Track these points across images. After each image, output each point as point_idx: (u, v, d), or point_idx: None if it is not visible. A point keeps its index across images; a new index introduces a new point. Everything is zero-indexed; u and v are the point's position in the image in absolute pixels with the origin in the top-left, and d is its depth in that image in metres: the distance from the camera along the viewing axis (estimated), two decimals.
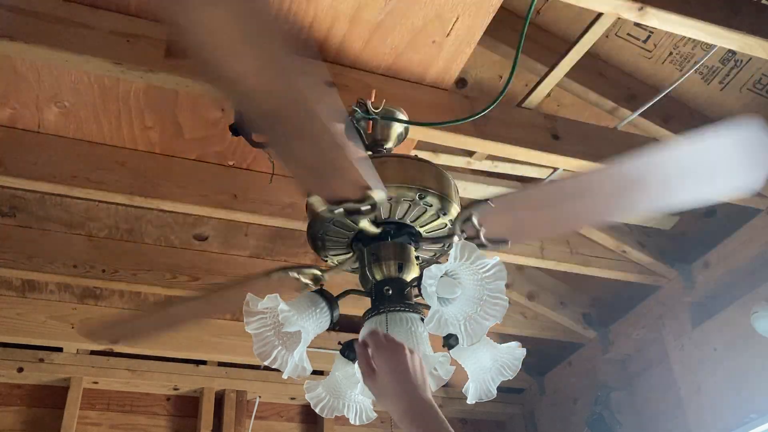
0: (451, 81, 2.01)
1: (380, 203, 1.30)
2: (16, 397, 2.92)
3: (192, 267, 2.53)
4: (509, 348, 1.42)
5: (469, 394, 1.42)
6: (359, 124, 1.65)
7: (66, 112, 2.04)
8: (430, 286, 1.21)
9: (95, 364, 2.98)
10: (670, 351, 2.78)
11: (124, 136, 2.13)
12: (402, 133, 1.69)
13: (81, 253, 2.43)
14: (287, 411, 3.30)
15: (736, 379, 2.47)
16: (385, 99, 1.64)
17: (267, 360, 1.31)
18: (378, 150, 1.63)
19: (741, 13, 1.89)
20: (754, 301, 2.37)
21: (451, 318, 1.24)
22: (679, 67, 2.21)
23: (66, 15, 1.69)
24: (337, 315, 1.38)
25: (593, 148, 2.13)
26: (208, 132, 2.15)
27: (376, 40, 1.87)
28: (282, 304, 1.24)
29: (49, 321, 2.83)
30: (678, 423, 2.75)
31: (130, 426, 3.02)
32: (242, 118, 1.64)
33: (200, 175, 2.21)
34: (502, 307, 1.24)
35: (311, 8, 1.77)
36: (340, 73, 1.90)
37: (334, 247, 1.52)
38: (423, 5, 1.78)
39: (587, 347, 3.24)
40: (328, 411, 1.42)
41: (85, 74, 1.93)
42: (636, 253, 2.70)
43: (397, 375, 1.14)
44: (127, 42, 1.72)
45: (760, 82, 2.22)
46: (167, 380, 3.06)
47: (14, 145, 2.05)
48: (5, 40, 1.63)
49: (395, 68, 1.95)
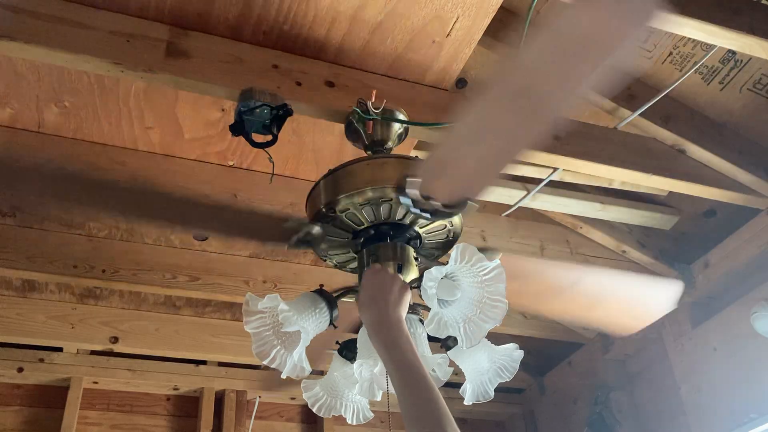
0: (451, 81, 2.01)
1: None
2: (16, 397, 2.92)
3: (192, 267, 2.53)
4: (507, 350, 1.42)
5: (467, 395, 1.42)
6: (359, 125, 1.65)
7: (66, 112, 2.04)
8: (430, 288, 1.21)
9: (95, 364, 2.98)
10: (670, 351, 2.78)
11: (124, 136, 2.13)
12: (402, 133, 1.69)
13: (81, 253, 2.43)
14: (287, 411, 3.30)
15: (736, 379, 2.47)
16: (385, 99, 1.64)
17: (266, 359, 1.31)
18: (378, 150, 1.63)
19: (741, 13, 1.88)
20: (754, 301, 2.37)
21: (451, 320, 1.24)
22: (679, 67, 2.21)
23: (66, 15, 1.69)
24: (336, 315, 1.38)
25: (593, 148, 2.13)
26: (208, 132, 2.15)
27: (376, 40, 1.87)
28: (281, 303, 1.24)
29: (49, 321, 2.83)
30: (678, 423, 2.74)
31: (130, 426, 3.02)
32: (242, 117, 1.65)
33: (200, 175, 2.21)
34: (501, 310, 1.24)
35: (311, 8, 1.77)
36: (340, 73, 1.90)
37: (334, 247, 1.52)
38: (423, 5, 1.78)
39: (587, 347, 3.24)
40: (326, 410, 1.43)
41: (85, 74, 1.93)
42: (636, 253, 2.70)
43: (373, 288, 1.27)
44: (127, 42, 1.72)
45: (760, 82, 2.22)
46: (167, 380, 3.06)
47: (14, 145, 2.06)
48: (5, 40, 1.63)
49: (395, 68, 1.95)
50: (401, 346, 1.16)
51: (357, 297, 1.31)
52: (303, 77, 1.84)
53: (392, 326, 1.21)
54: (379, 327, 1.22)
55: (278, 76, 1.81)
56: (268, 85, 1.76)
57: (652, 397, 2.94)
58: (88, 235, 2.47)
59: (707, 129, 2.32)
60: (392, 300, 1.25)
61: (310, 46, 1.86)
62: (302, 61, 1.87)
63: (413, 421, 1.07)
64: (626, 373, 3.11)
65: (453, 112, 1.95)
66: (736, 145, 2.32)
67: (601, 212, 2.55)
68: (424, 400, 1.09)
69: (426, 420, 1.06)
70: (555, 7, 2.17)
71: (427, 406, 1.08)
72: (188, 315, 3.03)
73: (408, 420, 1.07)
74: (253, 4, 1.75)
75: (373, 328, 1.23)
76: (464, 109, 1.18)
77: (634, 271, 2.76)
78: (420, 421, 1.06)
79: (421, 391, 1.10)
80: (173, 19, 1.77)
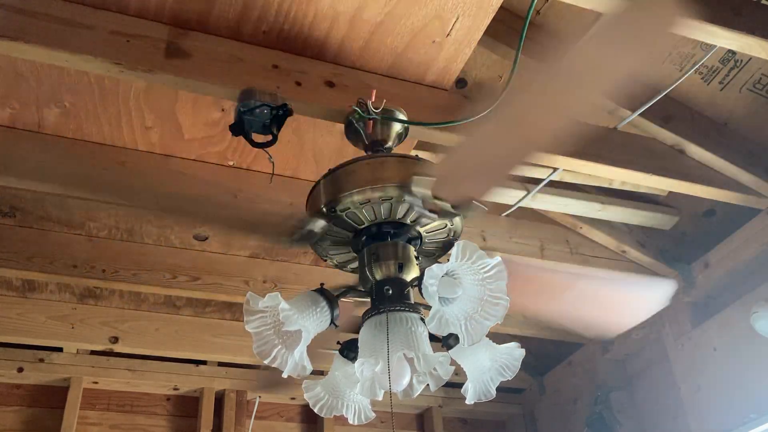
0: (451, 81, 2.01)
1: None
2: (16, 397, 2.92)
3: (192, 267, 2.53)
4: (508, 348, 1.42)
5: (468, 394, 1.42)
6: (359, 124, 1.65)
7: (66, 112, 2.04)
8: (431, 285, 1.21)
9: (95, 364, 2.98)
10: (670, 351, 2.78)
11: (124, 136, 2.13)
12: (402, 133, 1.69)
13: (81, 253, 2.43)
14: (287, 411, 3.30)
15: (736, 379, 2.47)
16: (385, 99, 1.64)
17: (267, 359, 1.30)
18: (378, 150, 1.63)
19: (741, 13, 1.89)
20: (754, 301, 2.37)
21: (452, 318, 1.24)
22: (679, 67, 2.21)
23: (66, 15, 1.69)
24: (337, 314, 1.38)
25: (593, 148, 2.13)
26: (208, 132, 2.15)
27: (376, 41, 1.87)
28: (282, 302, 1.24)
29: (49, 321, 2.83)
30: (678, 423, 2.75)
31: (130, 426, 3.02)
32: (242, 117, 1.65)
33: (200, 175, 2.21)
34: (503, 307, 1.24)
35: (311, 8, 1.77)
36: (340, 73, 1.90)
37: (334, 246, 1.52)
38: (423, 5, 1.78)
39: (587, 347, 3.24)
40: (327, 410, 1.43)
41: (85, 74, 1.94)
42: (636, 253, 2.70)
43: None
44: (127, 42, 1.72)
45: (760, 82, 2.22)
46: (167, 380, 3.07)
47: (14, 145, 2.05)
48: (5, 40, 1.63)
49: (395, 68, 1.95)
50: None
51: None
52: (303, 77, 1.84)
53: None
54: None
55: (278, 76, 1.82)
56: (268, 85, 1.76)
57: (652, 397, 2.95)
58: (88, 235, 2.48)
59: (707, 129, 2.32)
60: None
61: (310, 46, 1.86)
62: (302, 61, 1.87)
63: None
64: (626, 373, 3.11)
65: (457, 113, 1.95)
66: (735, 145, 2.32)
67: (601, 212, 2.55)
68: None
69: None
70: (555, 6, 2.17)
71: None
72: (188, 315, 3.03)
73: None
74: (252, 4, 1.75)
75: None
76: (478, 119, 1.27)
77: (634, 272, 2.77)
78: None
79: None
80: (173, 19, 1.77)
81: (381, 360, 1.24)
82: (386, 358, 1.22)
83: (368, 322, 1.34)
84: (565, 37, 1.69)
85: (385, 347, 1.24)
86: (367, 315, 1.36)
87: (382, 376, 1.26)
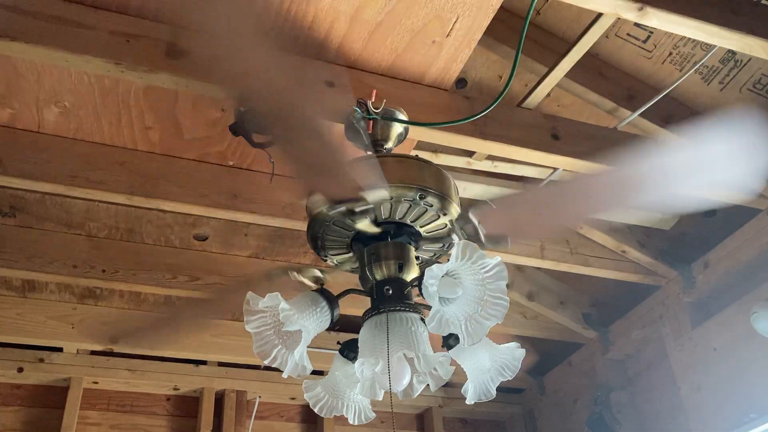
0: (451, 81, 2.01)
1: (377, 203, 1.31)
2: (16, 397, 2.92)
3: (192, 267, 2.53)
4: (508, 348, 1.42)
5: (468, 394, 1.42)
6: (359, 124, 1.65)
7: (66, 112, 2.04)
8: (431, 285, 1.21)
9: (95, 364, 2.98)
10: (670, 351, 2.78)
11: (124, 136, 2.13)
12: (402, 133, 1.69)
13: (81, 253, 2.43)
14: (287, 411, 3.30)
15: (736, 379, 2.47)
16: (385, 99, 1.64)
17: (267, 359, 1.31)
18: (378, 150, 1.63)
19: (741, 13, 1.89)
20: (754, 301, 2.37)
21: (452, 318, 1.24)
22: (679, 67, 2.21)
23: (66, 15, 1.69)
24: (337, 314, 1.38)
25: (593, 149, 2.13)
26: (208, 132, 2.15)
27: (375, 41, 1.87)
28: (283, 302, 1.24)
29: (49, 321, 2.83)
30: (678, 423, 2.75)
31: (130, 426, 3.02)
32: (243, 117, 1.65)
33: (200, 175, 2.21)
34: (503, 307, 1.24)
35: (311, 8, 1.77)
36: (340, 73, 1.90)
37: (334, 247, 1.52)
38: (423, 5, 1.78)
39: (587, 347, 3.24)
40: (327, 410, 1.43)
41: (85, 74, 1.94)
42: (636, 253, 2.70)
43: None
44: (127, 42, 1.72)
45: (760, 82, 2.22)
46: (167, 380, 3.06)
47: (14, 145, 2.06)
48: (5, 40, 1.63)
49: (395, 68, 1.95)
50: None
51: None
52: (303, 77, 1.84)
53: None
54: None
55: None
56: None
57: (652, 397, 2.95)
58: (88, 235, 2.48)
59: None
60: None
61: (310, 46, 1.86)
62: (302, 61, 1.87)
63: None
64: (626, 373, 3.11)
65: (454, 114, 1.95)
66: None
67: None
68: None
69: None
70: (555, 6, 2.17)
71: None
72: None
73: None
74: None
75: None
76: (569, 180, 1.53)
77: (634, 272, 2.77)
78: None
79: None
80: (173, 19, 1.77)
81: (381, 360, 1.24)
82: (386, 358, 1.22)
83: (368, 322, 1.34)
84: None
85: (385, 347, 1.24)
86: (367, 315, 1.36)
87: (382, 376, 1.26)
